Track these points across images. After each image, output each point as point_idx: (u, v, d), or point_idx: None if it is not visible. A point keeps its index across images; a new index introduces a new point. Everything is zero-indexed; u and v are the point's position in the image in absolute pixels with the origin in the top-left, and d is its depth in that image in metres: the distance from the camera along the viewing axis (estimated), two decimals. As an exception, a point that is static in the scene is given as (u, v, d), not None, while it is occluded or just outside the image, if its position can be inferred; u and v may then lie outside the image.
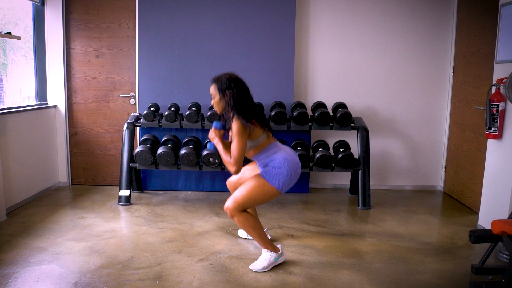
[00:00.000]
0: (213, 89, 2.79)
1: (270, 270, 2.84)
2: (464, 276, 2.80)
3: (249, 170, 3.08)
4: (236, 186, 3.11)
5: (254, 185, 2.76)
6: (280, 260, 2.90)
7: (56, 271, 2.76)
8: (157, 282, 2.65)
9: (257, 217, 3.23)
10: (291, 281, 2.69)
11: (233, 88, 2.71)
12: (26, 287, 2.55)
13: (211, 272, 2.80)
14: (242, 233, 3.41)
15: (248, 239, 3.36)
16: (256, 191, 2.75)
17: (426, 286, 2.67)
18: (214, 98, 2.79)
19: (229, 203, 2.78)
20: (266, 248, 2.87)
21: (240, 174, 3.09)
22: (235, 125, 2.65)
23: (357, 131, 4.26)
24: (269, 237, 3.26)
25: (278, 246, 2.94)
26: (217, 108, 2.81)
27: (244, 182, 2.96)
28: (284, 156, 2.77)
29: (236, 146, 2.66)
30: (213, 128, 2.83)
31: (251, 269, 2.84)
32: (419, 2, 4.69)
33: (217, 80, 2.78)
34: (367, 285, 2.66)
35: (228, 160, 2.71)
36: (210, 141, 2.87)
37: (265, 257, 2.85)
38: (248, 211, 2.92)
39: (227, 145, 2.83)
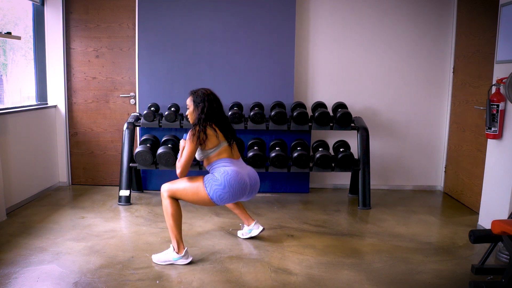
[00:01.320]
0: (188, 101, 2.98)
1: (270, 270, 2.84)
2: (464, 276, 2.80)
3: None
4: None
5: (191, 183, 2.88)
6: (180, 262, 2.89)
7: (56, 271, 2.76)
8: (157, 282, 2.65)
9: (242, 209, 3.35)
10: (291, 281, 2.69)
11: (206, 102, 2.90)
12: (26, 287, 2.55)
13: (211, 272, 2.80)
14: (240, 233, 3.41)
15: (245, 238, 3.36)
16: (191, 189, 2.87)
17: (426, 286, 2.67)
18: (188, 109, 2.98)
19: (166, 184, 2.94)
20: (173, 244, 2.92)
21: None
22: (190, 132, 2.84)
23: (357, 131, 4.26)
24: (261, 228, 3.33)
25: (186, 249, 2.92)
26: (190, 119, 2.99)
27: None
28: (228, 170, 2.86)
29: (186, 151, 2.84)
30: (182, 139, 2.97)
31: (152, 257, 2.93)
32: (419, 3, 4.69)
33: (194, 93, 2.97)
34: (367, 285, 2.66)
35: (176, 163, 2.89)
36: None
37: (168, 252, 2.92)
38: (228, 206, 3.21)
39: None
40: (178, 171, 2.86)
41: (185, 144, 2.86)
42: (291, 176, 4.73)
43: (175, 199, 2.93)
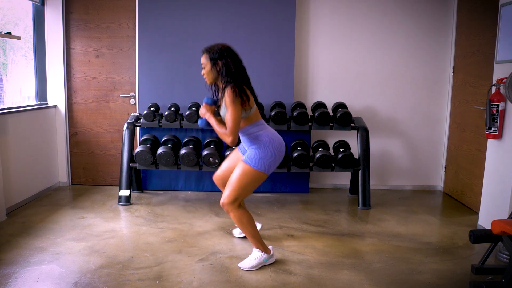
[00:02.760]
0: (204, 59, 2.73)
1: (270, 270, 2.84)
2: (464, 276, 2.80)
3: (229, 160, 3.09)
4: (224, 178, 3.08)
5: (241, 175, 2.72)
6: (270, 261, 2.90)
7: (56, 271, 2.76)
8: (157, 282, 2.65)
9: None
10: (291, 281, 2.69)
11: (226, 57, 2.66)
12: (26, 287, 2.55)
13: (211, 272, 2.80)
14: (236, 232, 3.41)
15: (242, 237, 3.36)
16: (245, 179, 2.71)
17: (426, 286, 2.67)
18: (204, 68, 2.73)
19: (224, 198, 2.76)
20: (257, 247, 2.87)
21: (222, 167, 3.11)
22: (229, 94, 2.57)
23: (357, 131, 4.26)
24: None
25: (270, 247, 2.93)
26: (207, 78, 2.75)
27: (228, 174, 2.97)
28: (269, 136, 2.74)
29: (231, 115, 2.58)
30: (204, 104, 2.77)
31: (239, 267, 2.85)
32: (419, 2, 4.69)
33: (209, 50, 2.71)
34: (367, 285, 2.66)
35: (224, 132, 2.62)
36: (201, 118, 2.81)
37: (255, 256, 2.85)
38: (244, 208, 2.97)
39: (219, 120, 2.78)
40: (229, 138, 2.58)
41: (228, 109, 2.58)
42: (291, 176, 4.73)
43: (241, 208, 2.79)
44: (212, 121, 2.72)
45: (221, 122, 2.75)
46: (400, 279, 2.75)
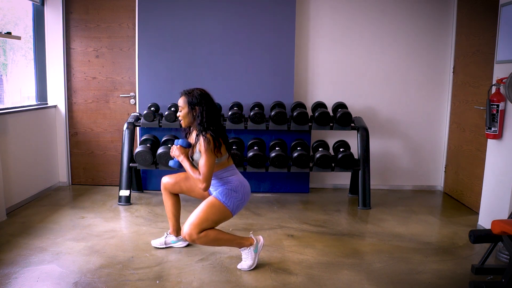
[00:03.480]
0: (182, 102, 2.78)
1: (270, 270, 2.84)
2: (464, 276, 2.80)
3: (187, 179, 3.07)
4: (174, 187, 3.09)
5: (208, 207, 2.71)
6: (260, 248, 2.88)
7: (56, 271, 2.76)
8: (157, 282, 2.65)
9: (178, 219, 3.20)
10: (291, 281, 2.69)
11: (203, 104, 2.73)
12: (26, 287, 2.55)
13: (211, 272, 2.80)
14: (158, 241, 3.25)
15: (165, 247, 3.24)
16: (212, 211, 2.70)
17: (426, 286, 2.67)
18: (181, 111, 2.79)
19: (186, 229, 2.68)
20: (241, 247, 2.85)
21: (174, 179, 3.08)
22: (205, 142, 2.64)
23: (357, 131, 4.26)
24: (185, 243, 3.21)
25: (250, 234, 2.91)
26: (183, 121, 2.81)
27: (181, 181, 3.03)
28: (240, 180, 2.82)
29: (205, 162, 2.64)
30: (178, 146, 2.78)
31: (239, 269, 2.84)
32: (419, 2, 4.69)
33: (188, 94, 2.77)
34: (367, 285, 2.66)
35: (197, 177, 2.67)
36: (172, 158, 2.84)
37: (246, 255, 2.85)
38: (168, 211, 3.07)
39: (192, 164, 2.79)
40: (203, 185, 2.64)
41: (203, 156, 2.65)
42: (291, 176, 4.73)
43: (205, 231, 2.71)
44: (186, 165, 2.75)
45: (194, 166, 2.78)
46: (400, 279, 2.75)
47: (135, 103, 4.78)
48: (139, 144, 4.34)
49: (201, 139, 2.67)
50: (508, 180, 3.29)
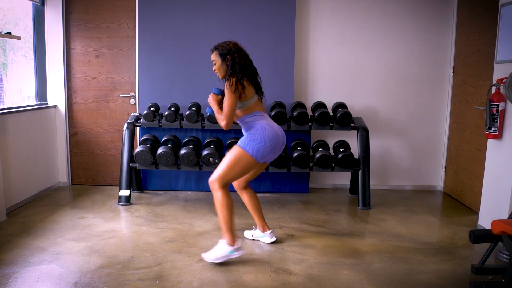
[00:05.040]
0: (214, 56, 2.96)
1: (270, 270, 2.84)
2: (464, 276, 2.80)
3: None
4: (240, 182, 3.23)
5: (231, 156, 2.87)
6: (236, 255, 2.90)
7: (56, 271, 2.76)
8: (157, 282, 2.65)
9: (261, 216, 3.28)
10: (291, 281, 2.69)
11: (233, 53, 2.89)
12: (26, 287, 2.55)
13: (211, 272, 2.80)
14: (249, 233, 3.41)
15: (253, 239, 3.36)
16: (234, 160, 2.85)
17: (426, 286, 2.67)
18: (215, 64, 2.96)
19: (212, 177, 2.89)
20: (224, 238, 2.90)
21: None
22: (227, 83, 2.82)
23: (357, 131, 4.26)
24: (274, 238, 3.29)
25: (238, 240, 2.93)
26: (219, 73, 2.96)
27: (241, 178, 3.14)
28: (262, 125, 2.89)
29: (227, 101, 2.82)
30: (211, 94, 2.99)
31: (202, 257, 2.89)
32: (419, 2, 4.69)
33: (218, 47, 2.95)
34: (367, 285, 2.67)
35: (219, 117, 2.88)
36: (209, 106, 3.07)
37: (220, 248, 2.89)
38: (250, 210, 3.15)
39: (220, 108, 2.97)
40: (224, 122, 2.83)
41: (225, 96, 2.81)
42: (291, 176, 4.73)
43: (226, 191, 2.87)
44: (214, 108, 2.96)
45: (221, 110, 2.93)
46: (400, 279, 2.75)
47: (135, 103, 4.78)
48: (139, 144, 4.34)
49: (226, 82, 2.84)
50: (508, 180, 3.29)
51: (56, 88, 4.73)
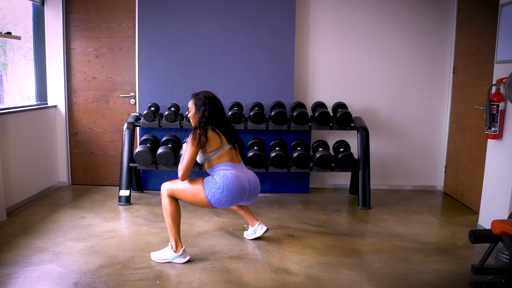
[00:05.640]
0: (190, 104, 3.01)
1: (270, 270, 2.84)
2: (464, 276, 2.80)
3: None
4: None
5: (191, 184, 2.89)
6: (178, 261, 2.92)
7: (56, 271, 2.76)
8: (157, 282, 2.65)
9: (246, 209, 3.34)
10: (291, 281, 2.69)
11: (206, 105, 2.93)
12: (26, 287, 2.56)
13: (211, 272, 2.80)
14: (246, 234, 3.41)
15: (250, 239, 3.36)
16: (190, 190, 2.88)
17: (426, 286, 2.67)
18: (189, 112, 3.01)
19: (167, 183, 2.97)
20: (171, 243, 2.94)
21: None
22: (191, 135, 2.85)
23: (357, 131, 4.26)
24: (265, 228, 3.33)
25: (183, 248, 2.93)
26: (192, 121, 3.02)
27: None
28: (226, 174, 2.86)
29: (186, 152, 2.86)
30: (185, 143, 2.99)
31: (151, 254, 2.96)
32: (419, 3, 4.69)
33: (196, 96, 3.00)
34: (367, 285, 2.66)
35: (178, 167, 2.89)
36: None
37: (166, 251, 2.95)
38: (234, 208, 3.25)
39: None
40: (179, 174, 2.85)
41: (186, 147, 2.86)
42: (291, 176, 4.73)
43: (174, 199, 2.94)
44: (183, 154, 2.94)
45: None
46: (400, 279, 2.75)
47: (135, 103, 4.78)
48: (139, 144, 4.34)
49: (191, 133, 2.87)
50: (508, 180, 3.29)
51: (56, 88, 4.73)
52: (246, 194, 2.93)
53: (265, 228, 3.33)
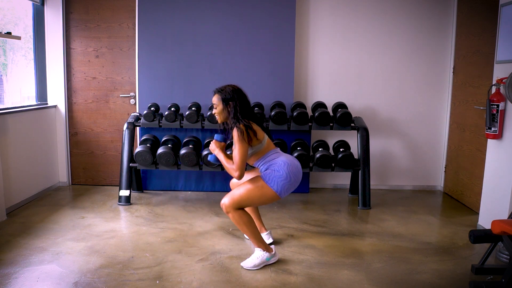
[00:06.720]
0: (215, 99, 2.87)
1: (270, 270, 2.84)
2: (464, 276, 2.80)
3: (251, 175, 3.11)
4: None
5: (253, 186, 2.81)
6: (272, 261, 2.92)
7: (56, 271, 2.76)
8: (157, 282, 2.65)
9: (259, 217, 3.25)
10: (291, 281, 2.69)
11: (236, 99, 2.82)
12: (26, 287, 2.55)
13: (211, 272, 2.80)
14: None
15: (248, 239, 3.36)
16: (254, 192, 2.80)
17: (426, 286, 2.67)
18: (216, 108, 2.88)
19: (225, 199, 2.84)
20: (259, 247, 2.89)
21: (243, 179, 3.12)
22: (235, 133, 2.74)
23: (357, 131, 4.26)
24: (271, 240, 3.28)
25: (272, 246, 2.95)
26: (218, 118, 2.90)
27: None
28: (284, 160, 2.84)
29: (238, 152, 2.73)
30: (214, 140, 2.92)
31: (242, 266, 2.86)
32: (419, 3, 4.69)
33: (221, 91, 2.87)
34: (367, 285, 2.67)
35: (231, 167, 2.78)
36: (210, 153, 2.97)
37: (258, 256, 2.88)
38: (247, 210, 2.99)
39: (228, 156, 2.90)
40: (236, 174, 2.75)
41: (235, 146, 2.74)
42: (291, 176, 4.72)
43: (241, 210, 2.84)
44: (221, 157, 2.87)
45: (229, 157, 2.87)
46: (400, 279, 2.75)
47: (135, 103, 4.79)
48: (139, 144, 4.34)
49: (234, 131, 2.76)
50: (508, 180, 3.29)
51: (56, 88, 4.73)
52: (301, 177, 2.91)
53: (271, 240, 3.27)
